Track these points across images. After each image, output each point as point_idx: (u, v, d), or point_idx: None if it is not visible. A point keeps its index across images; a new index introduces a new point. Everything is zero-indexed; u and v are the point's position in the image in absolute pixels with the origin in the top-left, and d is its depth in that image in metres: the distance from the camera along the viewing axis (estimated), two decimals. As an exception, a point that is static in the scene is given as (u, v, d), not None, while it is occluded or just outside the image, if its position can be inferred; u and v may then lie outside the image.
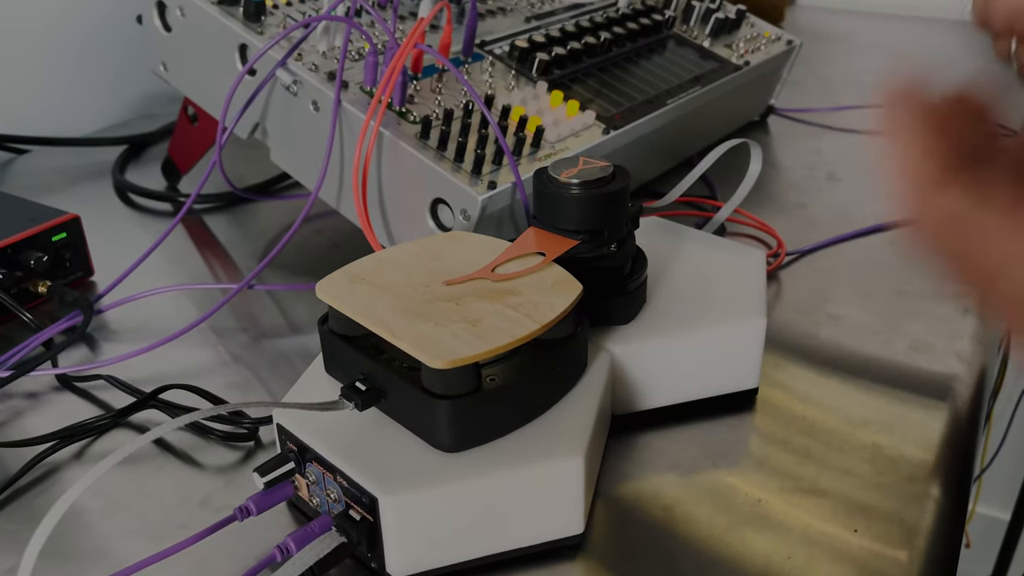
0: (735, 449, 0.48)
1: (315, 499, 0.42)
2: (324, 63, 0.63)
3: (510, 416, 0.41)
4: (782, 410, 0.51)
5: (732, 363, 0.50)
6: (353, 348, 0.42)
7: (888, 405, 0.51)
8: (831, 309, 0.60)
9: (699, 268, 0.53)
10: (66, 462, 0.49)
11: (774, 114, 0.94)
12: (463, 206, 0.57)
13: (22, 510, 0.45)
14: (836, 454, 0.47)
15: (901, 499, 0.44)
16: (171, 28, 0.69)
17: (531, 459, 0.39)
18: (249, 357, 0.58)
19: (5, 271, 0.59)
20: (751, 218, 0.70)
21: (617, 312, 0.48)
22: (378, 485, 0.38)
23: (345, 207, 0.64)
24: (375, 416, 0.42)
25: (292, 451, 0.42)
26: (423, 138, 0.59)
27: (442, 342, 0.38)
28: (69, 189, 0.82)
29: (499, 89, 0.66)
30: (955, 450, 0.48)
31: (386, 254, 0.46)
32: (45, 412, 0.53)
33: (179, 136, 0.77)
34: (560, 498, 0.40)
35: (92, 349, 0.59)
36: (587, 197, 0.46)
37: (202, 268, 0.70)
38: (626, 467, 0.47)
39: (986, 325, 0.58)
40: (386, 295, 0.42)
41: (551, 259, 0.45)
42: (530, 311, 0.41)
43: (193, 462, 0.48)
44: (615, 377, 0.47)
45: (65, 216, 0.63)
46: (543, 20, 0.78)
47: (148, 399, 0.51)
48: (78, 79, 0.97)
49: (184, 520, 0.44)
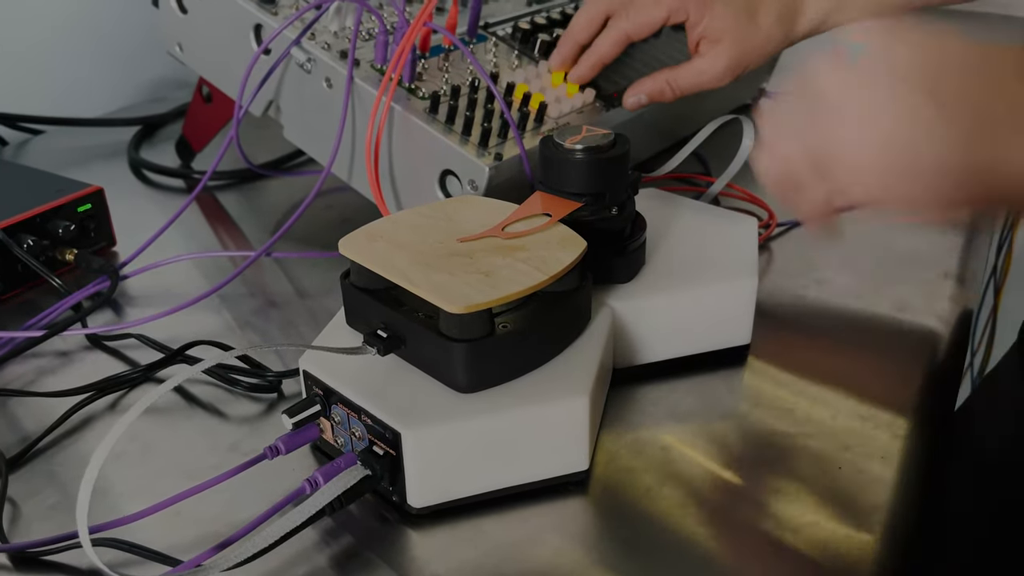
0: (729, 396, 0.51)
1: (339, 439, 0.45)
2: (336, 42, 0.66)
3: (521, 360, 0.44)
4: (772, 365, 0.54)
5: (725, 320, 0.53)
6: (373, 299, 0.45)
7: (870, 360, 0.54)
8: (818, 275, 0.63)
9: (695, 233, 0.57)
10: (100, 412, 0.52)
11: (766, 97, 0.97)
12: (471, 177, 0.60)
13: (62, 453, 0.49)
14: (823, 400, 0.51)
15: (881, 440, 0.47)
16: (187, 10, 0.72)
17: (540, 399, 0.43)
18: (259, 322, 0.61)
19: (34, 239, 0.62)
20: (743, 192, 0.74)
21: (618, 271, 0.52)
22: (400, 421, 0.41)
23: (357, 180, 0.67)
24: (395, 362, 0.45)
25: (318, 395, 0.45)
26: (432, 112, 0.62)
27: (458, 290, 0.42)
28: (86, 166, 0.85)
29: (503, 68, 0.70)
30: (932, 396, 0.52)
31: (401, 216, 0.50)
32: (77, 369, 0.56)
33: (193, 115, 0.80)
34: (566, 436, 0.44)
35: (117, 313, 0.62)
36: (590, 162, 0.49)
37: (214, 240, 0.73)
38: (626, 415, 0.50)
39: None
40: (403, 251, 0.45)
41: (556, 220, 0.48)
42: (539, 264, 0.44)
43: (220, 413, 0.52)
44: (616, 332, 0.51)
45: (90, 188, 0.66)
46: (544, 3, 0.81)
47: (177, 354, 0.54)
48: (91, 63, 1.00)
49: (215, 462, 0.47)
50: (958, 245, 0.67)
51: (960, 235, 0.69)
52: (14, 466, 0.47)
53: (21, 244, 0.61)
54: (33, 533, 0.43)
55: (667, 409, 0.50)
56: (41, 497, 0.45)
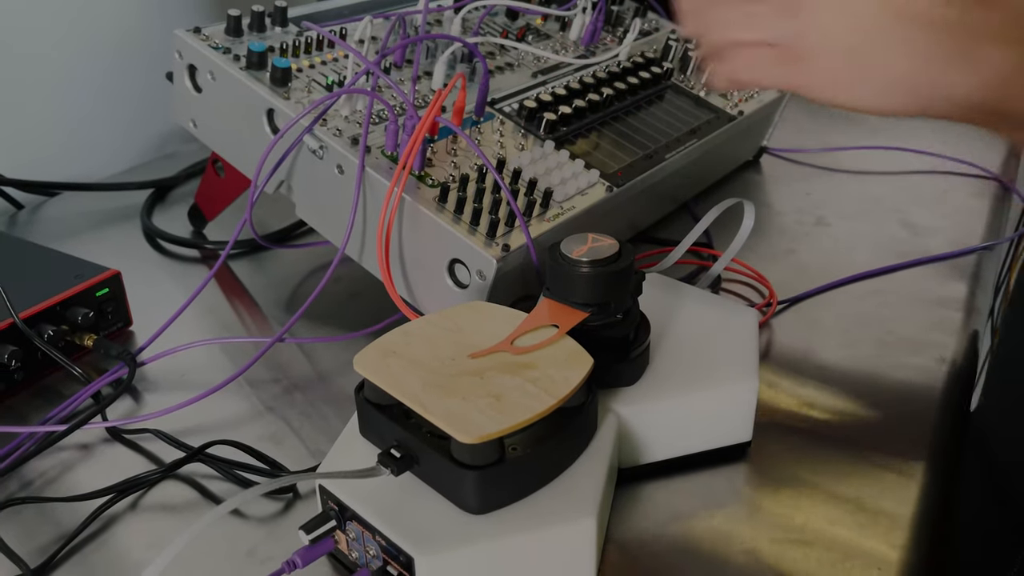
0: (731, 498, 0.53)
1: (354, 553, 0.47)
2: (347, 127, 0.68)
3: (530, 480, 0.46)
4: (773, 459, 0.56)
5: (727, 420, 0.55)
6: (386, 417, 0.47)
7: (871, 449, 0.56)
8: (818, 360, 0.65)
9: (697, 328, 0.58)
10: (121, 513, 0.53)
11: (767, 154, 0.99)
12: (479, 267, 0.61)
13: (86, 561, 0.50)
14: (821, 506, 0.52)
15: (881, 549, 0.49)
16: (201, 89, 0.74)
17: (549, 522, 0.44)
18: (281, 407, 0.62)
19: (54, 328, 0.63)
20: (745, 267, 0.75)
21: (623, 376, 0.53)
22: (414, 546, 0.43)
23: (367, 261, 0.68)
24: (408, 478, 0.47)
25: (333, 510, 0.46)
26: (441, 202, 0.64)
27: (470, 418, 0.43)
28: (97, 233, 0.87)
29: (509, 149, 0.71)
30: (932, 504, 0.53)
31: (413, 327, 0.51)
32: (98, 464, 0.57)
33: (206, 187, 0.82)
34: (574, 554, 0.45)
35: (136, 400, 0.63)
36: (596, 275, 0.51)
37: (231, 317, 0.74)
38: (632, 516, 0.52)
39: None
40: (416, 369, 0.47)
41: (564, 331, 0.50)
42: (547, 385, 0.46)
43: (238, 513, 0.53)
44: (621, 434, 0.52)
45: (107, 272, 0.67)
46: (549, 75, 0.82)
47: (196, 454, 0.55)
48: (95, 121, 1.01)
49: (233, 570, 0.49)
50: (956, 327, 0.69)
51: (959, 313, 0.70)
52: (41, 575, 0.49)
53: (42, 334, 0.62)
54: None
55: (671, 511, 0.52)
56: (68, 608, 0.47)
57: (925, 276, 0.76)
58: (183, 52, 0.73)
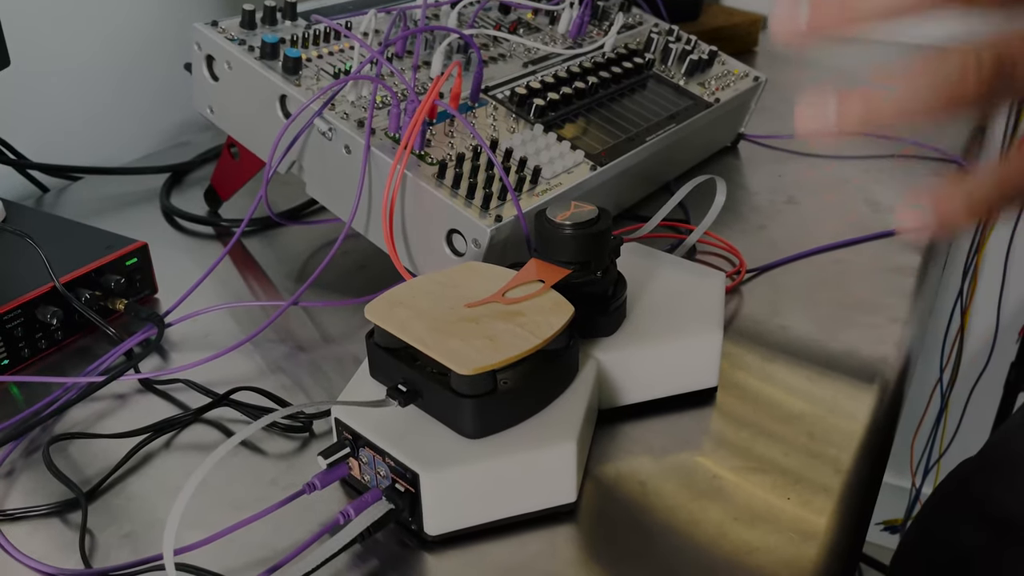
0: (698, 435, 0.60)
1: (366, 476, 0.53)
2: (353, 111, 0.74)
3: (519, 410, 0.52)
4: (736, 403, 0.62)
5: (695, 367, 0.62)
6: (394, 358, 0.54)
7: (823, 395, 0.63)
8: (781, 320, 0.72)
9: (670, 288, 0.65)
10: (157, 451, 0.60)
11: (744, 140, 1.06)
12: (474, 236, 0.68)
13: (128, 488, 0.57)
14: (779, 438, 0.59)
15: (828, 471, 0.56)
16: (218, 78, 0.80)
17: (536, 444, 0.51)
18: (289, 366, 0.69)
19: (90, 292, 0.70)
20: (718, 239, 0.82)
21: (602, 326, 0.60)
22: (419, 464, 0.49)
23: (372, 233, 0.75)
24: (413, 411, 0.53)
25: (348, 439, 0.53)
26: (440, 178, 0.70)
27: (467, 355, 0.50)
28: (120, 213, 0.94)
29: (502, 131, 0.78)
30: (877, 426, 0.60)
31: (417, 282, 0.58)
32: (132, 412, 0.64)
33: (222, 169, 0.88)
34: (558, 474, 0.52)
35: (163, 358, 0.70)
36: (578, 236, 0.58)
37: (243, 286, 0.81)
38: (609, 451, 0.58)
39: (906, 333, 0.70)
40: (420, 317, 0.54)
41: (549, 286, 0.57)
42: (533, 328, 0.52)
43: (260, 450, 0.60)
44: (601, 378, 0.59)
45: (136, 243, 0.74)
46: (539, 65, 0.89)
47: (222, 399, 0.62)
48: (115, 112, 1.08)
49: (258, 495, 0.56)
50: (909, 290, 0.76)
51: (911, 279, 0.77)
52: (90, 499, 0.55)
53: (79, 297, 0.69)
54: (111, 559, 0.51)
55: (645, 446, 0.59)
56: (115, 527, 0.54)
57: (884, 248, 0.82)
58: (201, 44, 0.80)
